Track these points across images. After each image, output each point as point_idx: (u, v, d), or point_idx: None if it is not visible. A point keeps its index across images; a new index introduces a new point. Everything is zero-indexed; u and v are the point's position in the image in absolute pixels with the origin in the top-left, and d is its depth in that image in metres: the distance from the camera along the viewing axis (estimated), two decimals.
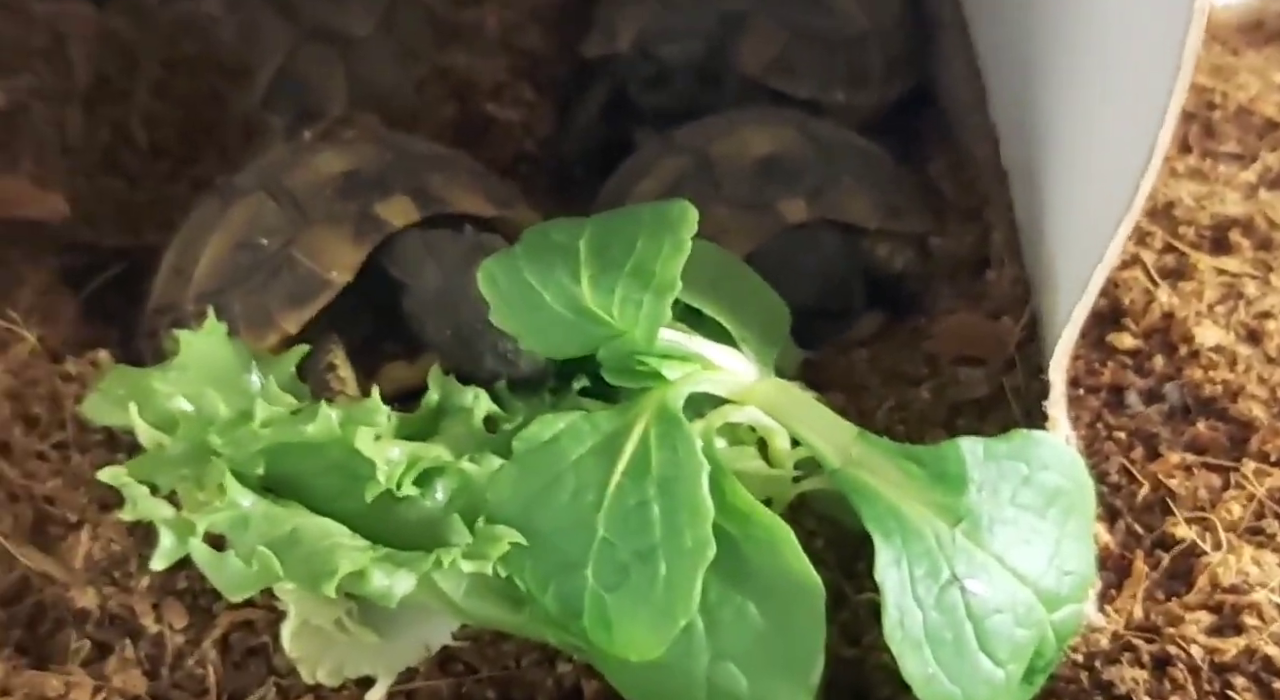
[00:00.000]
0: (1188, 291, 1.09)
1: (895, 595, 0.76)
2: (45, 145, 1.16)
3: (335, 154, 1.03)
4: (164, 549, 0.75)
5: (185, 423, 0.81)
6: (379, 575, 0.76)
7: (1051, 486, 0.80)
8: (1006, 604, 0.78)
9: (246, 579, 0.75)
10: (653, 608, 0.76)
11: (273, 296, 0.96)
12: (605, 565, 0.77)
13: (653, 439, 0.80)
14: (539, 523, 0.79)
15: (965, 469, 0.78)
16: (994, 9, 1.21)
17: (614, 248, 0.86)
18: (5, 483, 0.89)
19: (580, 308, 0.85)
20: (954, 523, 0.78)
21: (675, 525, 0.77)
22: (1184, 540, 0.92)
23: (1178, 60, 0.72)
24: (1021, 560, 0.78)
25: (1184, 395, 1.03)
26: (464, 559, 0.76)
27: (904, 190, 1.16)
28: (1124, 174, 0.79)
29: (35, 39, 1.19)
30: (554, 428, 0.81)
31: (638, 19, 1.32)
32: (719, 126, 1.16)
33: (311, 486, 0.81)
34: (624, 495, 0.78)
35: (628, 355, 0.84)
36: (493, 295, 0.87)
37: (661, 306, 0.82)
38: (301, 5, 1.31)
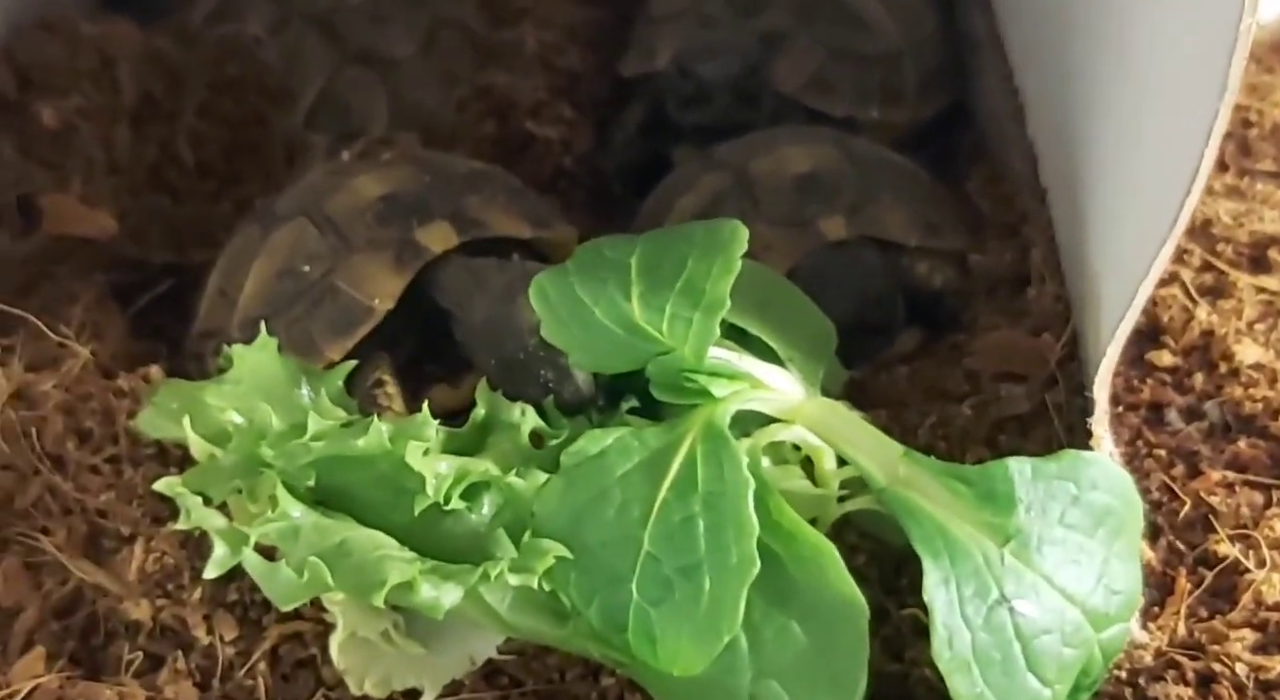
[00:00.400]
0: (1227, 309, 1.09)
1: (944, 615, 0.76)
2: (94, 164, 1.17)
3: (373, 178, 1.04)
4: (217, 558, 0.77)
5: (238, 435, 0.83)
6: (426, 587, 0.76)
7: (1100, 506, 0.80)
8: (1055, 624, 0.78)
9: (297, 588, 0.76)
10: (697, 623, 0.76)
11: (316, 325, 0.98)
12: (650, 580, 0.78)
13: (699, 456, 0.80)
14: (585, 536, 0.80)
15: (1013, 488, 0.79)
16: (1030, 26, 1.22)
17: (665, 266, 0.87)
18: (59, 496, 0.91)
19: (630, 324, 0.86)
20: (1002, 542, 0.78)
21: (720, 542, 0.77)
22: (1227, 558, 0.92)
23: (1223, 79, 0.73)
24: (1070, 580, 0.79)
25: (1224, 413, 1.03)
26: (510, 572, 0.77)
27: (942, 207, 1.16)
28: (1168, 191, 0.79)
29: (83, 60, 1.21)
30: (601, 443, 0.82)
31: (675, 38, 1.33)
32: (758, 144, 1.17)
33: (360, 499, 0.82)
34: (669, 511, 0.79)
35: (676, 372, 0.84)
36: (544, 310, 0.88)
37: (710, 324, 0.83)
38: (344, 28, 1.33)
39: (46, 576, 0.88)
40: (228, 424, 0.84)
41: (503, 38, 1.39)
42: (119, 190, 1.18)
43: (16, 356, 0.99)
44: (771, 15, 1.32)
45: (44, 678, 0.83)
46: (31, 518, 0.91)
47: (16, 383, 0.96)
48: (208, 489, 0.80)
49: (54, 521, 0.90)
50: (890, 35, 1.33)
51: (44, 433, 0.93)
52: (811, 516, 0.82)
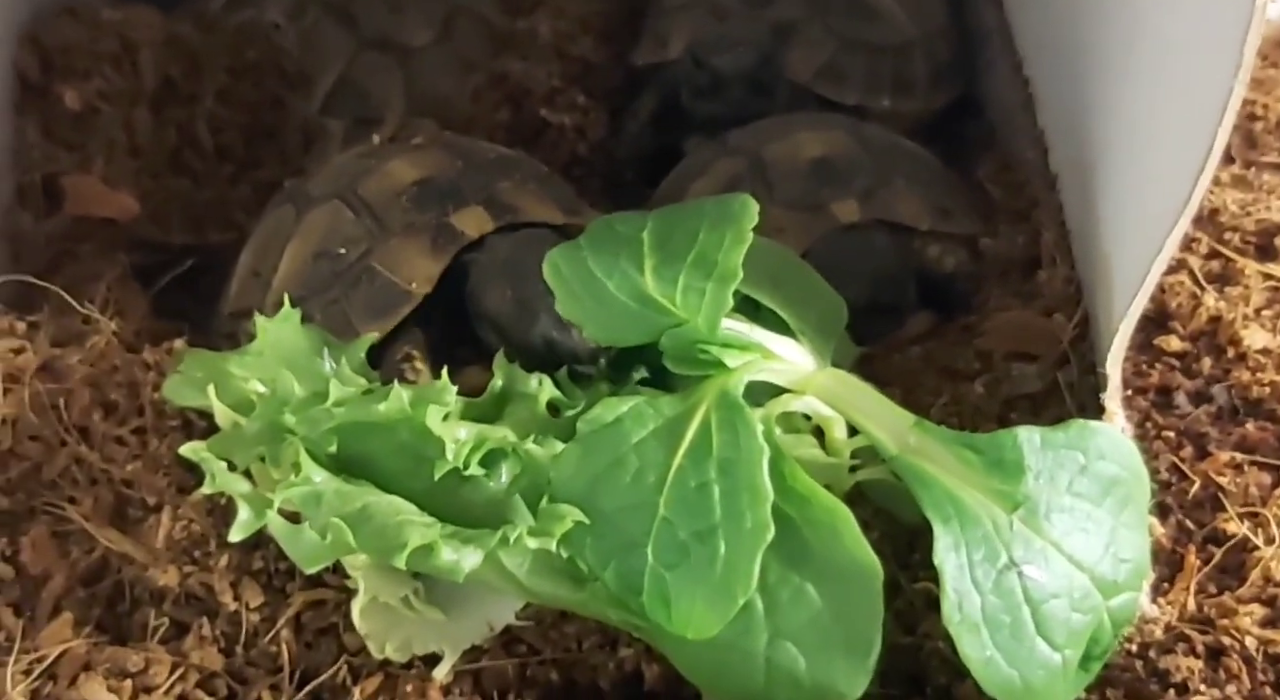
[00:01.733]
0: (1234, 296, 1.10)
1: (954, 579, 0.78)
2: (115, 146, 1.18)
3: (407, 162, 1.04)
4: (241, 522, 0.78)
5: (261, 403, 0.84)
6: (447, 551, 0.78)
7: (1108, 476, 0.81)
8: (1063, 590, 0.79)
9: (321, 550, 0.77)
10: (711, 587, 0.77)
11: (354, 307, 0.98)
12: (665, 545, 0.79)
13: (714, 423, 0.81)
14: (601, 502, 0.81)
15: (1022, 457, 0.80)
16: (1040, 17, 1.23)
17: (677, 238, 0.88)
18: (86, 467, 0.92)
19: (643, 296, 0.87)
20: (1011, 509, 0.79)
21: (735, 507, 0.78)
22: (1235, 535, 0.93)
23: (1237, 58, 0.74)
24: (1078, 547, 0.80)
25: (1232, 397, 1.04)
26: (529, 536, 0.78)
27: (954, 192, 1.18)
28: (1179, 174, 0.81)
29: (105, 45, 1.22)
30: (617, 410, 0.83)
31: (688, 29, 1.34)
32: (772, 130, 1.19)
33: (381, 466, 0.83)
34: (685, 477, 0.80)
35: (690, 344, 0.86)
36: (557, 284, 0.89)
37: (723, 295, 0.84)
38: (361, 15, 1.34)
39: (74, 545, 0.89)
40: (251, 393, 0.85)
41: (518, 26, 1.40)
42: (140, 172, 1.20)
43: (43, 331, 1.00)
44: (783, 5, 1.34)
45: (72, 643, 0.84)
46: (59, 487, 0.92)
47: (43, 356, 0.97)
48: (232, 455, 0.81)
49: (81, 491, 0.91)
50: (902, 26, 1.35)
51: (71, 405, 0.94)
52: (824, 485, 0.83)
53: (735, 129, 1.22)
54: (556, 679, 0.86)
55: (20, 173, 1.15)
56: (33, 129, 1.17)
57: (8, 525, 0.91)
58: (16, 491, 0.92)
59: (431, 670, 0.84)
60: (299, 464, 0.80)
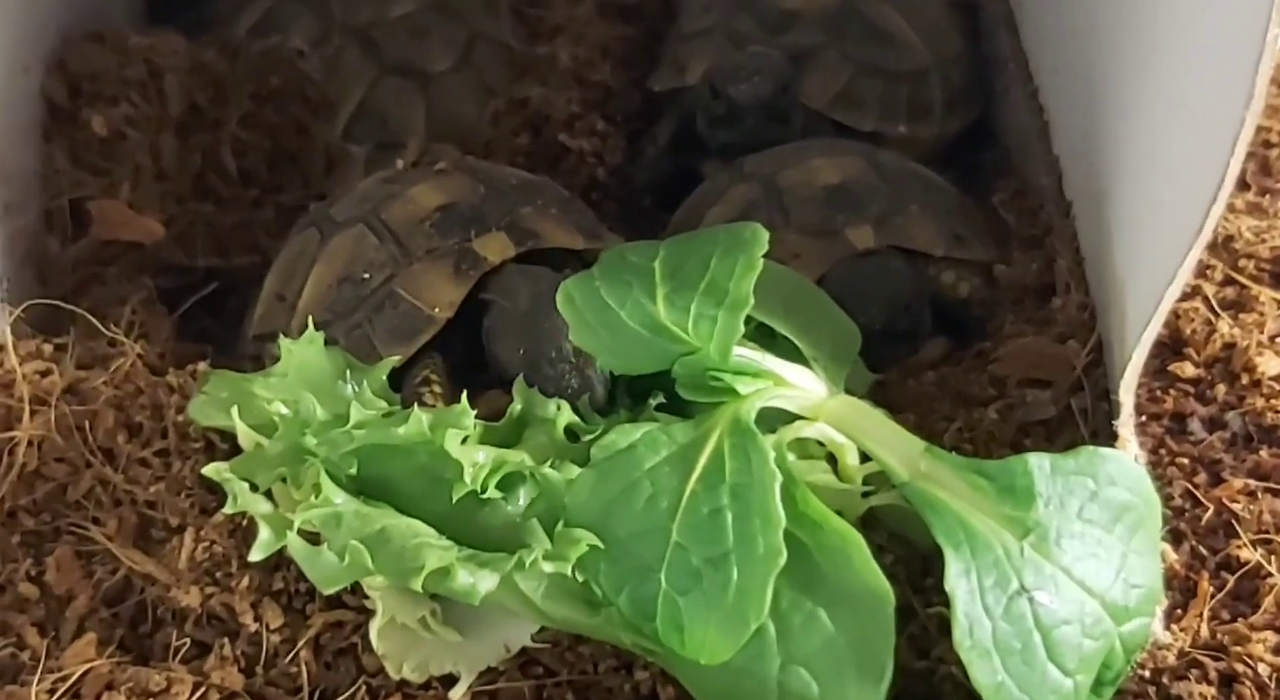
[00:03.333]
0: (1249, 322, 1.10)
1: (965, 605, 0.78)
2: (141, 171, 1.20)
3: (430, 187, 1.06)
4: (262, 542, 0.79)
5: (284, 425, 0.85)
6: (463, 574, 0.79)
7: (1119, 502, 0.82)
8: (1074, 615, 0.80)
9: (339, 572, 0.79)
10: (724, 612, 0.78)
11: (377, 332, 0.99)
12: (678, 570, 0.80)
13: (726, 449, 0.82)
14: (615, 527, 0.82)
15: (1033, 483, 0.81)
16: (1055, 46, 1.24)
17: (688, 267, 0.89)
18: (110, 488, 0.93)
19: (656, 325, 0.88)
20: (1022, 535, 0.80)
21: (748, 532, 0.79)
22: (1249, 562, 0.93)
23: (1250, 87, 0.75)
24: (1089, 573, 0.80)
25: (1246, 423, 1.04)
26: (544, 560, 0.79)
27: (968, 219, 1.19)
28: (1193, 200, 0.81)
29: (132, 71, 1.24)
30: (631, 437, 0.84)
31: (706, 56, 1.36)
32: (787, 156, 1.20)
33: (400, 489, 0.84)
34: (698, 502, 0.81)
35: (702, 371, 0.87)
36: (571, 315, 0.90)
37: (735, 322, 0.85)
38: (383, 42, 1.36)
39: (97, 565, 0.91)
40: (274, 414, 0.86)
41: (537, 53, 1.42)
42: (165, 196, 1.21)
43: (69, 354, 1.02)
44: (800, 32, 1.35)
45: (95, 662, 0.85)
46: (83, 508, 0.93)
47: (69, 379, 0.98)
48: (254, 476, 0.83)
49: (105, 512, 0.93)
50: (918, 52, 1.36)
51: (95, 427, 0.95)
52: (836, 510, 0.84)
53: (751, 155, 1.22)
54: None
55: (48, 198, 1.17)
56: (60, 154, 1.18)
57: (33, 545, 0.92)
58: (42, 512, 0.93)
59: (448, 691, 0.85)
60: (319, 485, 0.81)
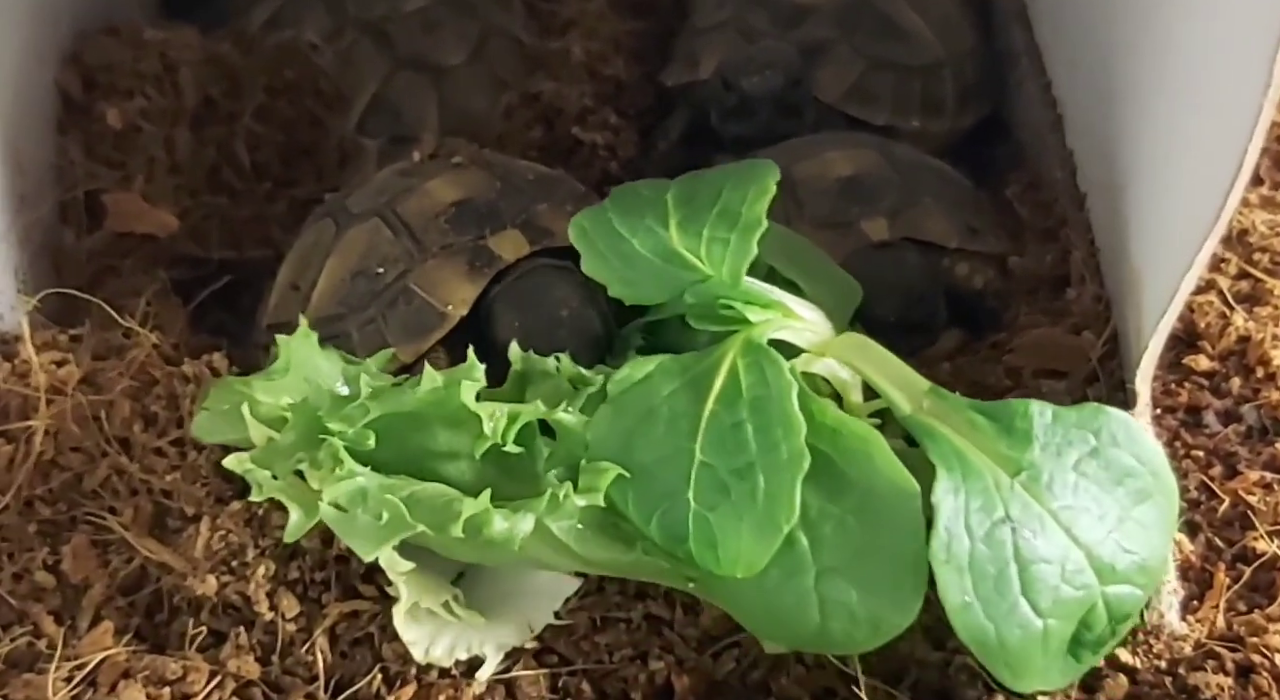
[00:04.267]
0: (1263, 316, 1.10)
1: (947, 518, 0.78)
2: (155, 164, 1.20)
3: (446, 182, 1.05)
4: (294, 524, 0.79)
5: (295, 413, 0.85)
6: (499, 519, 0.79)
7: (1122, 465, 0.81)
8: (1055, 558, 0.79)
9: (379, 532, 0.78)
10: (754, 519, 0.79)
11: (390, 327, 0.99)
12: (705, 487, 0.80)
13: (741, 368, 0.83)
14: (638, 455, 0.82)
15: (1031, 427, 0.81)
16: (1069, 39, 1.24)
17: (701, 196, 0.90)
18: (126, 477, 0.93)
19: (668, 252, 0.89)
20: (1014, 473, 0.80)
21: (770, 440, 0.80)
22: (1265, 554, 0.93)
23: (1266, 78, 0.75)
24: (1078, 523, 0.80)
25: (1261, 416, 1.04)
26: (577, 495, 0.80)
27: (982, 211, 1.19)
28: (1208, 191, 0.81)
29: (146, 65, 1.24)
30: (645, 368, 0.85)
31: (718, 50, 1.36)
32: (801, 149, 1.20)
33: (417, 463, 0.84)
34: (718, 420, 0.82)
35: (714, 300, 0.87)
36: (583, 245, 0.91)
37: (748, 243, 0.86)
38: (397, 36, 1.36)
39: (113, 554, 0.91)
40: (281, 410, 0.86)
41: (550, 47, 1.42)
42: (179, 189, 1.21)
43: (84, 344, 1.02)
44: (813, 26, 1.35)
45: (112, 650, 0.85)
46: (100, 497, 0.93)
47: (85, 369, 0.99)
48: (273, 466, 0.83)
49: (121, 501, 0.93)
50: (930, 46, 1.35)
51: (111, 416, 0.96)
52: None
53: (764, 148, 1.23)
54: (588, 690, 0.86)
55: (63, 190, 1.18)
56: (75, 147, 1.19)
57: (50, 535, 0.93)
58: (58, 501, 0.94)
59: (465, 680, 0.85)
60: (341, 461, 0.81)
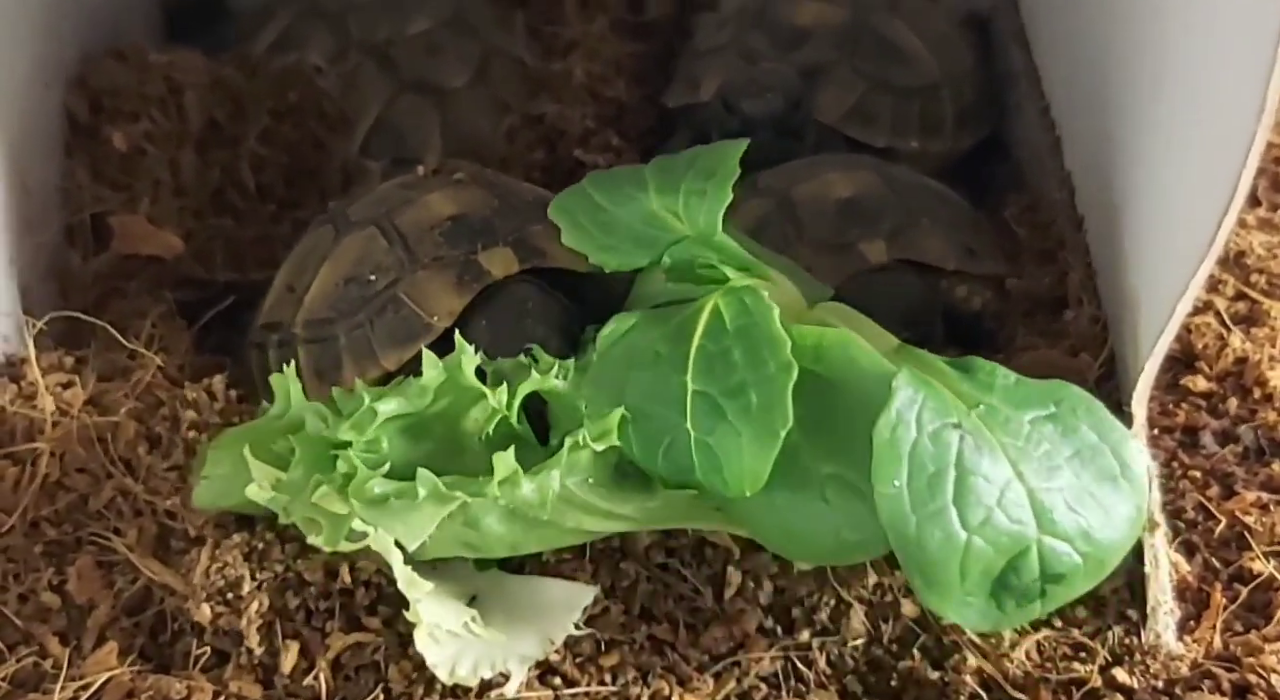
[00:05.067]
0: (1260, 337, 1.11)
1: (901, 403, 0.80)
2: (161, 186, 1.21)
3: (444, 196, 1.06)
4: (327, 538, 0.81)
5: (299, 443, 0.86)
6: (526, 481, 0.82)
7: (1082, 439, 0.82)
8: (997, 482, 0.80)
9: (420, 511, 0.81)
10: (751, 432, 0.81)
11: (377, 334, 1.01)
12: (701, 414, 0.83)
13: (723, 306, 0.86)
14: (634, 397, 0.85)
15: (994, 380, 0.83)
16: (1067, 62, 1.25)
17: (676, 164, 0.95)
18: (131, 498, 0.94)
19: (647, 214, 0.92)
20: (972, 406, 0.82)
21: (757, 358, 0.83)
22: (1261, 574, 0.94)
23: (1260, 104, 0.76)
24: (1026, 463, 0.81)
25: (1258, 437, 1.05)
26: (593, 442, 0.83)
27: (980, 233, 1.19)
28: (1204, 214, 0.82)
29: (152, 88, 1.25)
30: (628, 322, 0.89)
31: (720, 72, 1.37)
32: (800, 171, 1.20)
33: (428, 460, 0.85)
34: (705, 351, 0.85)
35: (693, 258, 0.89)
36: (563, 219, 0.95)
37: (723, 191, 0.89)
38: (400, 58, 1.37)
39: (118, 575, 0.92)
40: (284, 449, 0.87)
41: (552, 69, 1.43)
42: (184, 211, 1.22)
43: (90, 366, 1.03)
44: (813, 48, 1.36)
45: (116, 671, 0.86)
46: (104, 519, 0.94)
47: (91, 391, 1.00)
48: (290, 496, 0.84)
49: (125, 522, 0.93)
50: (929, 68, 1.37)
51: (116, 438, 0.97)
52: None
53: (764, 170, 1.23)
54: None
55: (69, 213, 1.18)
56: (81, 170, 1.20)
57: (55, 555, 0.93)
58: (64, 523, 0.94)
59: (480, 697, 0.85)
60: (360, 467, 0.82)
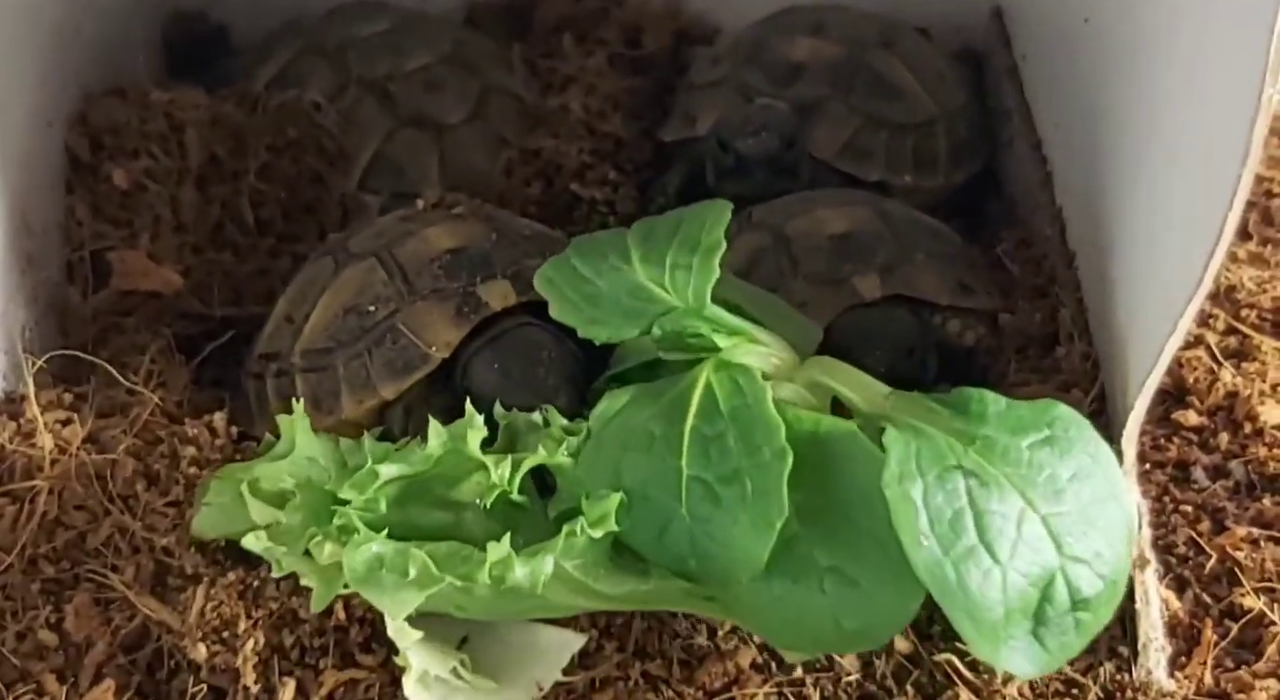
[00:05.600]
0: (1251, 372, 1.12)
1: (899, 457, 0.78)
2: (161, 222, 1.22)
3: (444, 229, 1.08)
4: (317, 596, 0.81)
5: (301, 492, 0.87)
6: (519, 565, 0.81)
7: (1075, 460, 0.81)
8: (1011, 515, 0.78)
9: (407, 589, 0.80)
10: (747, 520, 0.81)
11: (374, 364, 1.02)
12: (697, 500, 0.83)
13: (715, 384, 0.86)
14: (629, 481, 0.85)
15: (986, 410, 0.82)
16: (1059, 100, 1.26)
17: (659, 231, 0.94)
18: (128, 535, 0.94)
19: (633, 286, 0.91)
20: (968, 443, 0.80)
21: (752, 444, 0.82)
22: (1252, 610, 0.94)
23: (1245, 146, 0.77)
24: (1033, 490, 0.79)
25: (1249, 472, 1.06)
26: (590, 528, 0.82)
27: (973, 267, 1.20)
28: (1192, 254, 0.83)
29: (153, 124, 1.26)
30: (621, 399, 0.88)
31: (715, 107, 1.38)
32: (795, 205, 1.21)
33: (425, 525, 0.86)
34: (699, 434, 0.84)
35: (681, 328, 0.89)
36: (550, 292, 0.95)
37: (710, 264, 0.88)
38: (399, 94, 1.38)
39: (115, 612, 0.92)
40: (285, 491, 0.88)
41: (550, 104, 1.44)
42: (184, 247, 1.23)
43: (89, 403, 1.04)
44: (808, 84, 1.37)
45: None
46: (102, 556, 0.94)
47: (89, 428, 1.00)
48: (287, 544, 0.84)
49: (123, 559, 0.94)
50: (924, 105, 1.38)
51: (115, 475, 0.97)
52: None
53: (759, 204, 1.24)
54: None
55: (69, 250, 1.19)
56: (82, 207, 1.21)
57: (53, 593, 0.94)
58: (61, 560, 0.95)
59: None
60: (357, 529, 0.82)
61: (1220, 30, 0.87)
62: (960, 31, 1.53)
